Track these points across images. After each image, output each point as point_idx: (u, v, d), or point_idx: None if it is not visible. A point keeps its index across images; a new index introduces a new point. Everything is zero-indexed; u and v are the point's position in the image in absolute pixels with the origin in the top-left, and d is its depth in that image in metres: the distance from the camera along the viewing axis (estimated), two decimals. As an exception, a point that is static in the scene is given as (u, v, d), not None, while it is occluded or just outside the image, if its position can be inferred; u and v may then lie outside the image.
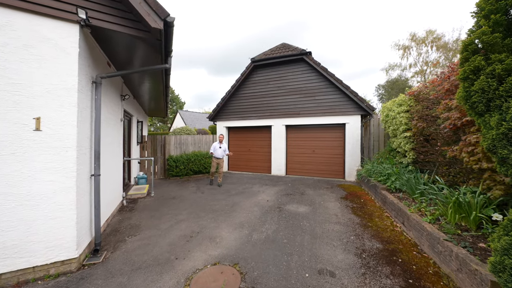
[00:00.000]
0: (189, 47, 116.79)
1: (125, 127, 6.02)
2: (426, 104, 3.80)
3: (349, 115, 7.26)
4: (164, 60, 3.57)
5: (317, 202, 4.86)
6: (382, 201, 4.38)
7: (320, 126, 7.91)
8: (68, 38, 2.48)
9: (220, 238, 3.24)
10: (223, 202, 5.02)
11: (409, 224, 2.99)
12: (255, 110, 8.87)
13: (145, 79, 4.94)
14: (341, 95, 7.36)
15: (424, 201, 3.16)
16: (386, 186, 4.52)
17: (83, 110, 2.72)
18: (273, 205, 4.75)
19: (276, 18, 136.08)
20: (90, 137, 2.97)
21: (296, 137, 8.37)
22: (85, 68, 2.77)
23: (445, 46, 18.84)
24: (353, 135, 7.19)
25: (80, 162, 2.63)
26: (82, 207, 2.69)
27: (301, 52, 7.70)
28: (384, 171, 4.93)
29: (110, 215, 4.10)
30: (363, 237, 3.09)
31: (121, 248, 3.05)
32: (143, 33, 2.80)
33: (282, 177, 7.93)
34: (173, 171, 8.09)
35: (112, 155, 4.03)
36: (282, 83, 8.34)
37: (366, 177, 5.75)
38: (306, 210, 4.37)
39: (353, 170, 7.21)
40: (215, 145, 6.53)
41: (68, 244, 2.47)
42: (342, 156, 7.54)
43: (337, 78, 7.19)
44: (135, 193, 5.68)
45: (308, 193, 5.70)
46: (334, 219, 3.85)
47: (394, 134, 5.37)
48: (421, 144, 4.04)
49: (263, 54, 8.70)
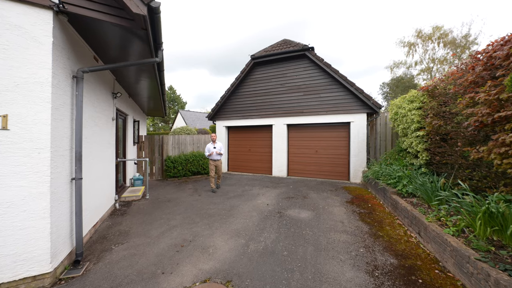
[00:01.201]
0: (190, 48, 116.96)
1: (120, 127, 5.77)
2: (442, 100, 3.44)
3: (354, 114, 6.89)
4: (155, 54, 3.28)
5: (320, 207, 4.52)
6: (392, 206, 4.02)
7: (323, 125, 7.55)
8: (40, 25, 2.20)
9: (213, 248, 2.94)
10: (220, 206, 4.72)
11: (427, 236, 2.64)
12: (255, 109, 8.56)
13: (137, 76, 4.68)
14: (345, 93, 6.99)
15: (444, 209, 2.80)
16: (396, 190, 4.15)
17: (60, 107, 2.44)
18: (273, 209, 4.43)
19: (277, 17, 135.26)
20: (71, 137, 2.70)
21: (298, 136, 8.03)
22: (63, 61, 2.50)
23: (453, 42, 18.20)
24: (359, 134, 6.82)
25: (56, 165, 2.36)
26: (59, 215, 2.42)
27: (303, 48, 7.35)
28: (393, 174, 4.56)
29: (99, 220, 3.84)
30: (374, 250, 2.75)
31: (105, 259, 2.77)
32: (127, 22, 2.50)
33: (284, 179, 7.60)
34: (171, 172, 7.84)
35: (100, 156, 3.77)
36: (283, 81, 8.00)
37: (373, 180, 5.39)
38: (309, 216, 4.04)
39: (358, 172, 6.83)
40: (209, 147, 5.96)
41: (41, 257, 2.20)
42: (346, 156, 7.17)
43: (341, 74, 6.82)
44: (129, 195, 5.43)
45: (311, 196, 5.37)
46: (340, 226, 3.51)
47: (405, 133, 4.99)
48: (436, 144, 3.67)
49: (263, 51, 8.37)
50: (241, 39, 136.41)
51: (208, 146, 6.00)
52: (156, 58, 3.31)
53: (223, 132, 9.31)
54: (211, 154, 5.86)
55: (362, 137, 6.79)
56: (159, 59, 3.33)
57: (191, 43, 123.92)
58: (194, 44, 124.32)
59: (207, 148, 5.96)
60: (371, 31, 55.19)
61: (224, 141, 9.27)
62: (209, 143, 6.17)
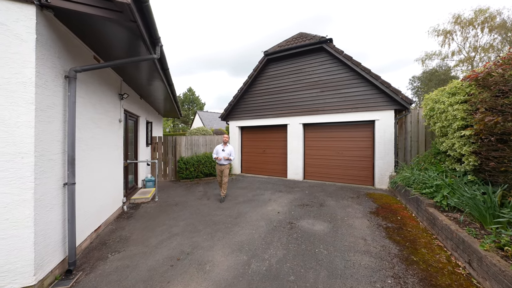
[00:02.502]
0: (209, 50, 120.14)
1: (130, 128, 5.79)
2: (500, 89, 2.67)
3: (379, 111, 6.08)
4: (152, 50, 3.06)
5: (339, 218, 3.94)
6: (429, 222, 3.30)
7: (344, 124, 6.83)
8: (23, 22, 2.07)
9: (211, 264, 2.60)
10: (226, 212, 4.40)
11: (484, 270, 1.98)
12: (269, 108, 8.12)
13: (143, 76, 4.57)
14: (369, 87, 6.21)
15: (507, 236, 2.10)
16: (434, 202, 3.42)
17: (49, 108, 2.31)
18: (284, 219, 3.98)
19: (296, 14, 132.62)
20: (63, 140, 2.57)
21: (315, 137, 7.40)
22: (52, 60, 2.36)
23: (503, 26, 15.67)
24: (385, 134, 6.00)
25: (43, 170, 2.22)
26: (46, 223, 2.28)
27: (320, 40, 6.72)
28: (430, 181, 3.80)
29: (103, 223, 3.76)
30: (407, 282, 2.16)
31: (97, 269, 2.60)
32: (115, 14, 2.28)
33: (299, 182, 7.05)
34: (183, 173, 7.78)
35: (104, 158, 3.69)
36: (299, 77, 7.44)
37: (403, 187, 4.61)
38: (324, 228, 3.51)
39: (385, 176, 6.02)
40: (217, 149, 5.19)
41: (24, 268, 2.06)
42: (371, 159, 6.38)
43: (364, 67, 6.07)
44: (139, 197, 5.40)
45: (328, 204, 4.78)
46: (361, 245, 2.93)
47: (443, 133, 4.16)
48: (490, 146, 2.88)
49: (277, 46, 7.90)
50: (260, 39, 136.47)
51: (217, 148, 5.24)
52: (154, 54, 3.09)
53: (236, 132, 9.04)
54: (219, 159, 5.07)
55: (389, 137, 5.96)
56: (157, 55, 3.10)
57: (210, 46, 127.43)
58: (213, 46, 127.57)
59: (215, 150, 5.23)
60: (400, 21, 50.84)
61: (237, 142, 9.00)
62: (219, 144, 5.41)
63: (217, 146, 5.27)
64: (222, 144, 5.25)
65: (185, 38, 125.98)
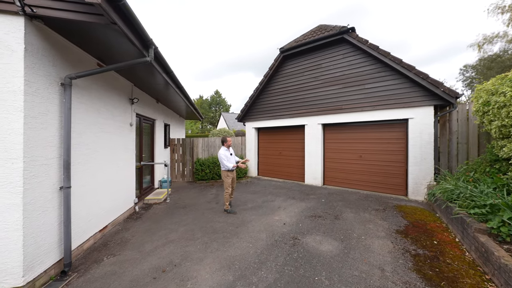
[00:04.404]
0: (236, 54, 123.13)
1: (146, 131, 6.04)
2: None
3: (413, 107, 5.08)
4: (146, 52, 3.00)
5: (354, 236, 3.32)
6: (479, 254, 2.49)
7: (370, 124, 5.95)
8: (13, 33, 2.16)
9: (193, 282, 2.37)
10: (230, 220, 4.16)
11: None
12: (285, 107, 7.64)
13: (150, 81, 4.65)
14: (401, 80, 5.25)
15: None
16: (488, 228, 2.57)
17: (41, 115, 2.39)
18: (288, 232, 3.54)
19: (329, 7, 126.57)
20: (60, 146, 2.66)
21: (336, 138, 6.65)
22: (46, 68, 2.45)
23: None
24: (421, 134, 4.98)
25: (33, 175, 2.30)
26: (38, 225, 2.36)
27: (340, 31, 5.98)
28: (482, 199, 2.90)
29: (110, 224, 3.91)
30: None
31: (88, 273, 2.63)
32: (96, 18, 2.23)
33: (317, 188, 6.41)
34: (199, 174, 7.87)
35: (109, 161, 3.82)
36: (317, 73, 6.79)
37: (444, 201, 3.69)
38: (332, 249, 2.97)
39: (420, 186, 5.00)
40: (226, 154, 4.36)
41: (14, 269, 2.15)
42: (403, 164, 5.39)
43: (394, 57, 5.15)
44: (152, 198, 5.57)
45: (345, 216, 4.14)
46: (376, 277, 2.34)
47: (505, 134, 3.17)
48: None
49: (293, 42, 7.37)
50: (287, 37, 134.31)
51: (224, 153, 4.36)
52: (147, 57, 3.02)
53: (252, 134, 8.79)
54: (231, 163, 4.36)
55: (426, 138, 4.93)
56: (150, 58, 3.03)
57: (237, 49, 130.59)
58: (240, 49, 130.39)
59: (226, 157, 4.34)
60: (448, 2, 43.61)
61: (253, 144, 8.75)
62: (222, 148, 4.48)
63: (223, 152, 4.39)
64: (225, 148, 4.48)
65: (213, 44, 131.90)
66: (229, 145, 4.56)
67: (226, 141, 4.50)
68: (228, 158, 4.42)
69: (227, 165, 4.35)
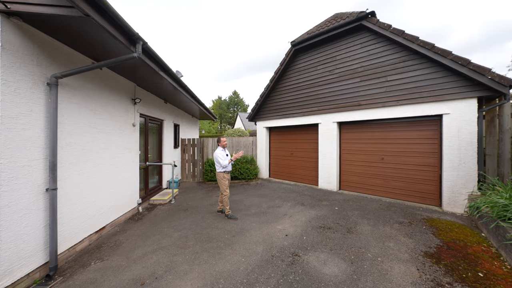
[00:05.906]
0: (255, 54, 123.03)
1: (153, 132, 6.05)
2: None
3: (449, 100, 4.20)
4: (133, 47, 2.84)
5: (369, 257, 2.75)
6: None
7: (393, 121, 5.15)
8: (-11, 32, 2.11)
9: (168, 301, 2.10)
10: (228, 227, 3.85)
11: None
12: (297, 105, 7.10)
13: (150, 80, 4.55)
14: (433, 69, 4.39)
15: None
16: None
17: (21, 115, 2.33)
18: (289, 246, 3.09)
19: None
20: (46, 146, 2.61)
21: (354, 138, 5.93)
22: (28, 67, 2.39)
23: None
24: (459, 133, 4.09)
25: (13, 177, 2.24)
26: (21, 228, 2.31)
27: (358, 17, 5.27)
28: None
29: (109, 225, 3.88)
30: None
31: (71, 279, 2.53)
32: (69, 10, 2.09)
33: (332, 194, 5.78)
34: (208, 175, 7.74)
35: (106, 162, 3.78)
36: (332, 66, 6.14)
37: (493, 219, 2.89)
38: (338, 273, 2.45)
39: (459, 195, 4.10)
40: (222, 154, 4.22)
41: (-9, 274, 2.10)
42: (435, 168, 4.52)
43: (424, 41, 4.32)
44: (158, 198, 5.54)
45: (360, 229, 3.53)
46: (391, 319, 1.80)
47: None
48: None
49: (306, 34, 6.80)
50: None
51: (220, 152, 4.22)
52: (134, 53, 2.86)
53: (263, 133, 8.40)
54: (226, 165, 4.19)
55: (467, 138, 4.02)
56: (137, 53, 2.85)
57: (256, 49, 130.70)
58: (259, 49, 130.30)
59: (222, 156, 4.20)
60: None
61: (265, 144, 8.35)
62: (219, 148, 4.32)
63: (217, 151, 4.24)
64: (221, 148, 4.32)
65: (232, 45, 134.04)
66: (224, 145, 4.41)
67: (220, 141, 4.46)
68: (225, 157, 4.31)
69: (224, 163, 4.20)
